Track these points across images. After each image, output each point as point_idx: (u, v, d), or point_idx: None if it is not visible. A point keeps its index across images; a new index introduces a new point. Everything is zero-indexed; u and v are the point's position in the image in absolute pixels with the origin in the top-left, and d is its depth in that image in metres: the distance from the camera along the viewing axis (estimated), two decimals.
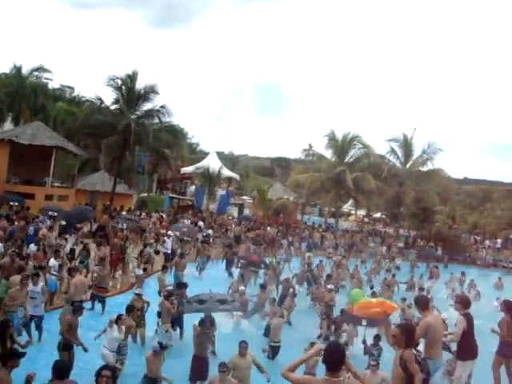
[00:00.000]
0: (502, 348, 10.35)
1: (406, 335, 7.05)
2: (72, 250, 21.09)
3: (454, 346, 9.82)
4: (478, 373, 10.46)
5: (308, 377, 5.87)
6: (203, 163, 50.91)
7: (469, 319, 9.04)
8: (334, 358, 5.23)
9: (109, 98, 35.21)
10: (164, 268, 18.22)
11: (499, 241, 49.70)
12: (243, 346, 10.32)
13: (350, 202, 56.50)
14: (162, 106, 35.21)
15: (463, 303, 9.39)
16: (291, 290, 18.88)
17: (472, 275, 31.02)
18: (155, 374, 10.14)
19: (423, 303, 8.74)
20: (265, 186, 54.53)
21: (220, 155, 63.63)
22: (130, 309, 12.49)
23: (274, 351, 13.49)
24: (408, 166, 46.61)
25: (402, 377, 6.82)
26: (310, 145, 54.55)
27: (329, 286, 18.39)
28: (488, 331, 10.94)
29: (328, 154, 48.51)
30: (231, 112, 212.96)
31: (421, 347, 8.54)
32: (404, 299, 17.66)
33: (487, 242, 49.79)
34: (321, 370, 6.02)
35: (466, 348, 9.08)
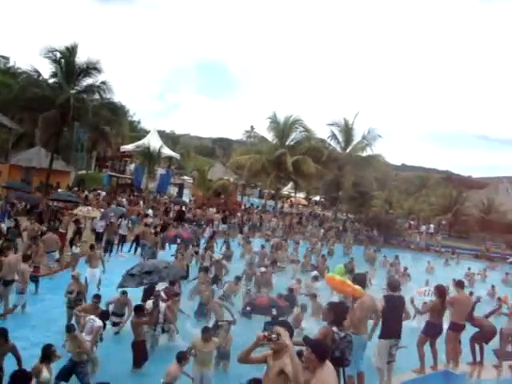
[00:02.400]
0: (427, 328, 10.91)
1: (334, 313, 7.59)
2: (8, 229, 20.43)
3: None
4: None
5: (265, 352, 6.00)
6: (143, 141, 49.95)
7: (390, 300, 9.35)
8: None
9: (47, 70, 34.15)
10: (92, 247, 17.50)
11: (432, 226, 51.27)
12: (206, 331, 10.24)
13: (290, 184, 56.92)
14: (103, 82, 34.44)
15: (390, 286, 9.73)
16: (224, 271, 19.06)
17: (406, 259, 31.98)
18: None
19: (359, 282, 9.01)
20: (205, 167, 54.14)
21: (161, 134, 62.83)
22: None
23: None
24: (348, 150, 47.21)
25: None
26: (251, 127, 54.81)
27: (262, 269, 18.67)
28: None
29: (269, 136, 48.71)
30: (174, 91, 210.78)
31: None
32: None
33: (421, 227, 51.27)
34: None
35: (385, 327, 9.38)
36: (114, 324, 12.66)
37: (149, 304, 12.09)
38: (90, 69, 34.00)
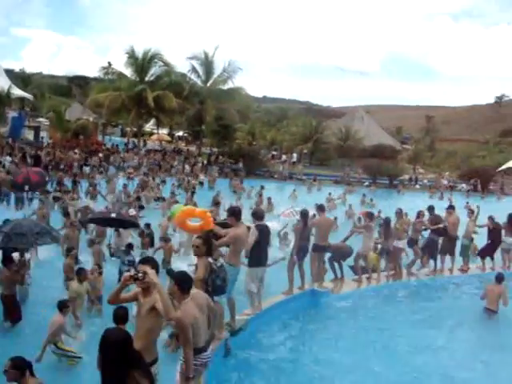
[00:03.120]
0: (296, 251, 11.49)
1: (208, 245, 7.67)
2: None
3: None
4: None
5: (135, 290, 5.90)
6: None
7: (261, 230, 9.44)
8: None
9: None
10: None
11: (295, 155, 52.92)
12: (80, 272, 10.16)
13: (152, 121, 55.83)
14: None
15: (256, 215, 9.83)
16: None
17: (270, 188, 32.86)
18: None
19: (236, 214, 9.00)
20: (62, 107, 51.21)
21: (9, 73, 58.32)
22: None
23: None
24: (209, 84, 46.75)
25: (199, 285, 7.20)
26: (109, 63, 52.07)
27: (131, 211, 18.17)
28: None
29: (128, 72, 46.73)
30: (21, 25, 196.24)
31: None
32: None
33: (284, 157, 52.73)
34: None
35: (256, 257, 9.53)
36: None
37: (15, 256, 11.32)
38: None
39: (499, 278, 12.40)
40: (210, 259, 7.74)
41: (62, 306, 8.70)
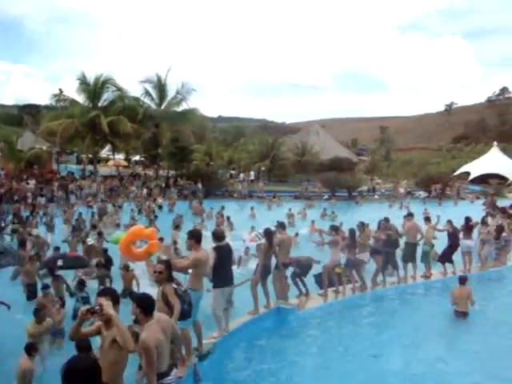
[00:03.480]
0: (259, 270, 11.39)
1: (170, 270, 7.57)
2: None
3: None
4: None
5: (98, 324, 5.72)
6: None
7: (220, 251, 9.35)
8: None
9: None
10: None
11: (252, 173, 52.96)
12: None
13: (108, 146, 55.29)
14: None
15: (216, 236, 9.73)
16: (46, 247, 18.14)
17: (230, 207, 32.80)
18: None
19: (196, 236, 8.87)
20: (13, 137, 50.42)
21: None
22: None
23: None
24: (163, 106, 46.66)
25: (164, 310, 7.09)
26: (60, 90, 51.60)
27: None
28: None
29: (80, 98, 46.51)
30: None
31: None
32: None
33: (241, 176, 52.67)
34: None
35: (221, 277, 9.41)
36: None
37: None
38: None
39: (463, 280, 12.82)
40: (174, 284, 7.60)
41: (30, 349, 8.18)
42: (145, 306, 5.84)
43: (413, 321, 12.70)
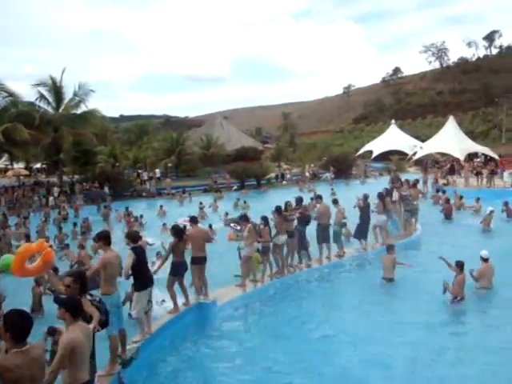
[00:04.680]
0: (174, 269, 11.21)
1: (81, 282, 7.06)
2: None
3: None
4: None
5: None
6: None
7: (137, 252, 9.25)
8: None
9: None
10: None
11: (157, 171, 52.17)
12: None
13: (5, 156, 52.94)
14: None
15: (131, 238, 9.63)
16: None
17: (140, 207, 32.38)
18: None
19: (105, 238, 8.70)
20: None
21: None
22: None
23: None
24: (61, 110, 44.94)
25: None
26: None
27: None
28: None
29: None
30: None
31: None
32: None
33: (145, 175, 51.44)
34: None
35: (140, 279, 9.34)
36: None
37: None
38: None
39: (390, 248, 14.33)
40: (88, 296, 7.29)
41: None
42: (73, 308, 5.85)
43: (335, 298, 13.54)
